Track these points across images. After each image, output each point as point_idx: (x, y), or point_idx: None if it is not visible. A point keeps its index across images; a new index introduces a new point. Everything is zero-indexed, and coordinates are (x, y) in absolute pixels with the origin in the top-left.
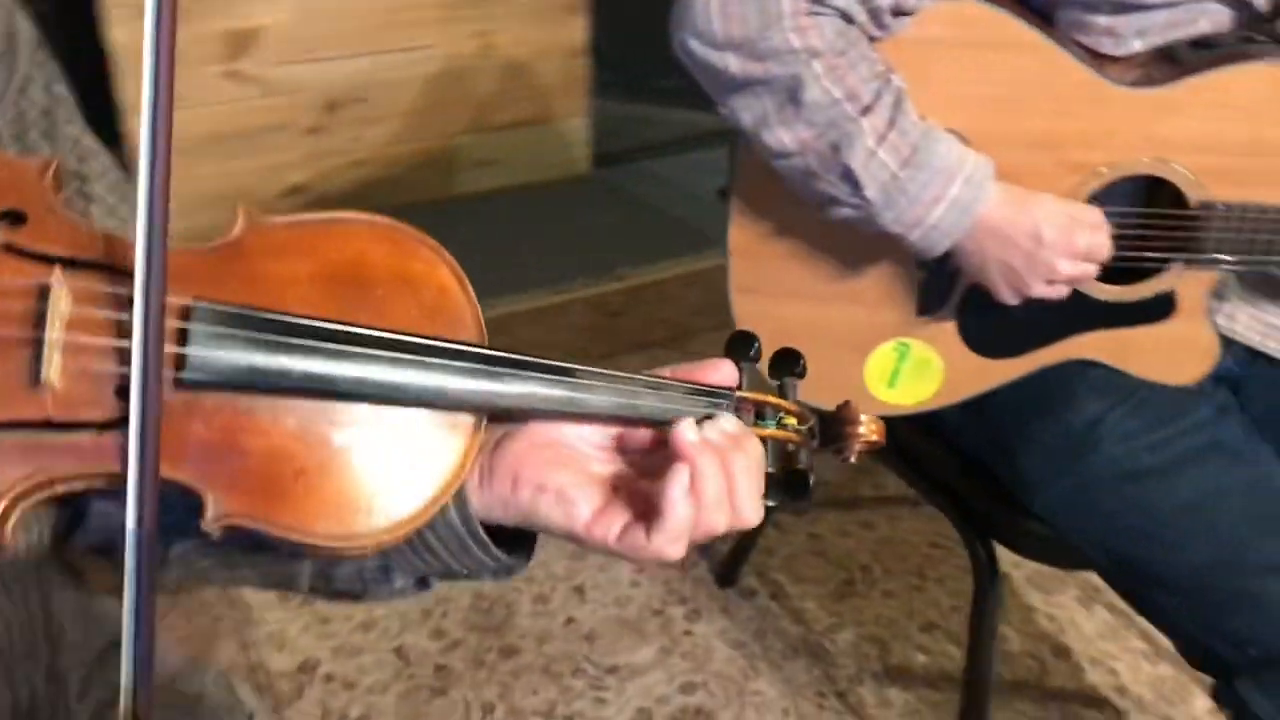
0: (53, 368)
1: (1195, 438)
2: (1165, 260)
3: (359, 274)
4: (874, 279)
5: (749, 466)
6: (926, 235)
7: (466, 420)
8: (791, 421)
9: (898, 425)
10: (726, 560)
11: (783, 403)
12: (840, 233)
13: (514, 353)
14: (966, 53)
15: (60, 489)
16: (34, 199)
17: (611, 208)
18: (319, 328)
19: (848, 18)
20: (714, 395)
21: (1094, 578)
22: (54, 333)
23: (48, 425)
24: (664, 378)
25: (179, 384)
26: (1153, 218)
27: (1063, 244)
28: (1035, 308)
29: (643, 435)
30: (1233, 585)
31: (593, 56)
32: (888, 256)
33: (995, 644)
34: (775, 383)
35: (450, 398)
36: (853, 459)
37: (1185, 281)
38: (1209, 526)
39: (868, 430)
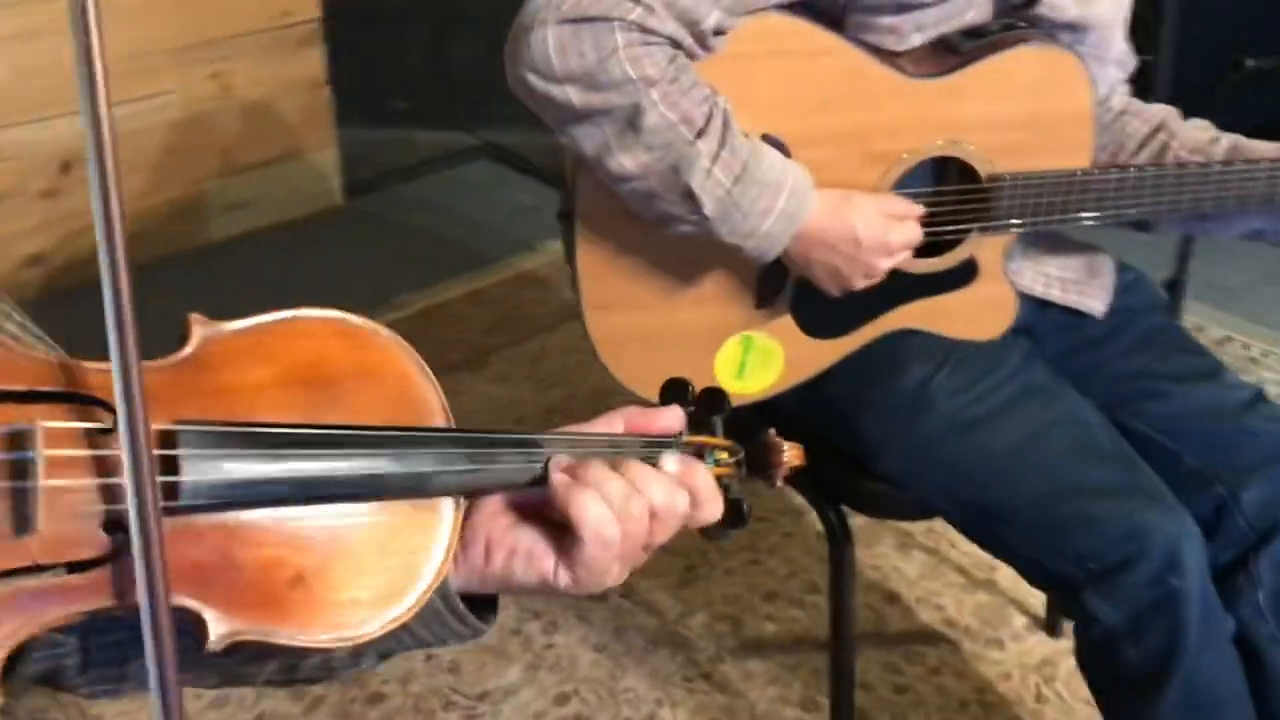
0: (38, 517)
1: (1012, 385)
2: (965, 230)
3: (320, 374)
4: (715, 281)
5: (666, 470)
6: (760, 244)
7: (448, 504)
8: (724, 456)
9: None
10: None
11: (716, 440)
12: (681, 243)
13: (482, 431)
14: (776, 62)
15: (50, 630)
16: None
17: (374, 236)
18: (301, 434)
19: (677, 44)
20: (662, 445)
21: (906, 526)
22: (35, 481)
23: (34, 570)
24: (617, 434)
25: (171, 511)
26: (951, 194)
27: (878, 245)
28: (842, 294)
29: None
30: (1068, 511)
31: (332, 87)
32: (726, 260)
33: (854, 598)
34: (707, 419)
35: (434, 485)
36: (779, 484)
37: (983, 247)
38: (1039, 462)
39: (790, 457)
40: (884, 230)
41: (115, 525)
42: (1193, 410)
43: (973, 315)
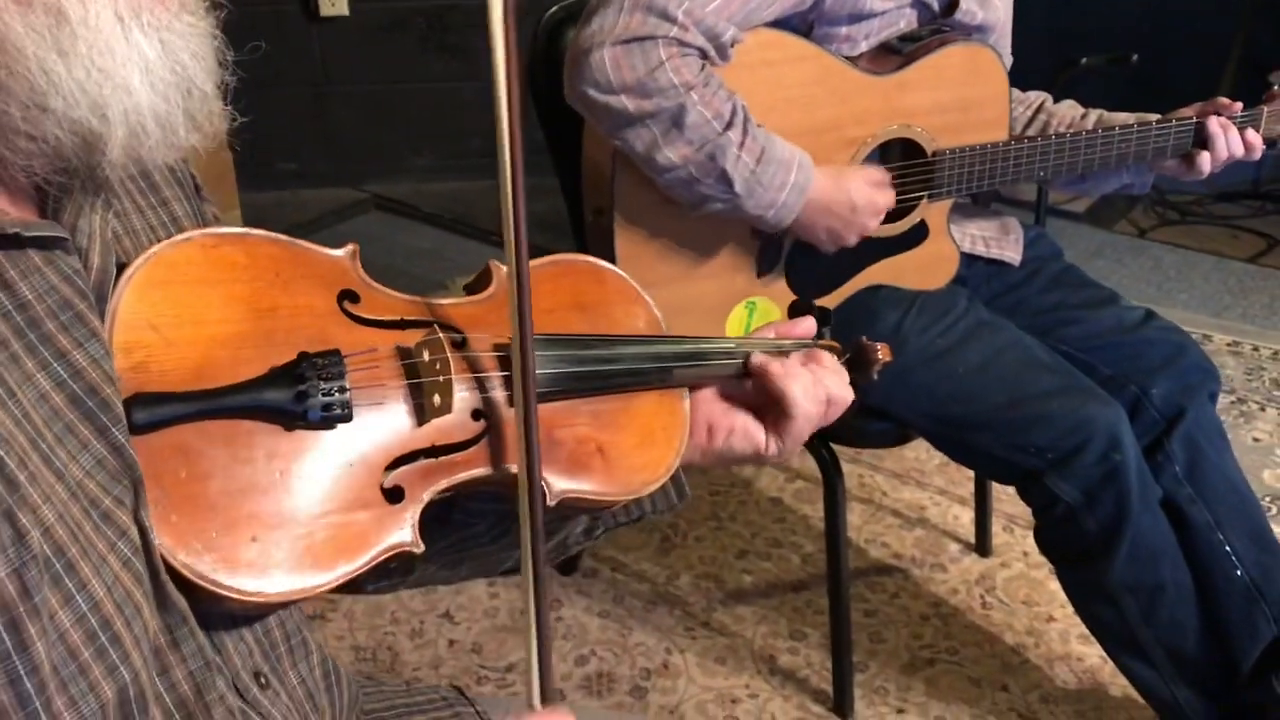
0: (433, 409)
1: (965, 321)
2: (917, 198)
3: (584, 300)
4: (723, 257)
5: (827, 366)
6: (778, 213)
7: (682, 393)
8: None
9: None
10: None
11: (832, 343)
12: (696, 227)
13: (697, 336)
14: (768, 69)
15: (446, 495)
16: (356, 281)
17: None
18: (595, 337)
19: (704, 54)
20: (800, 344)
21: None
22: (429, 381)
23: (431, 451)
24: (769, 338)
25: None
26: (906, 168)
27: (869, 206)
28: (837, 255)
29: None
30: (1026, 412)
31: (231, 151)
32: (731, 238)
33: (844, 530)
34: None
35: (675, 376)
36: (875, 377)
37: (931, 212)
38: (998, 376)
39: (883, 354)
40: (872, 195)
41: (478, 414)
42: (1102, 329)
43: (925, 269)
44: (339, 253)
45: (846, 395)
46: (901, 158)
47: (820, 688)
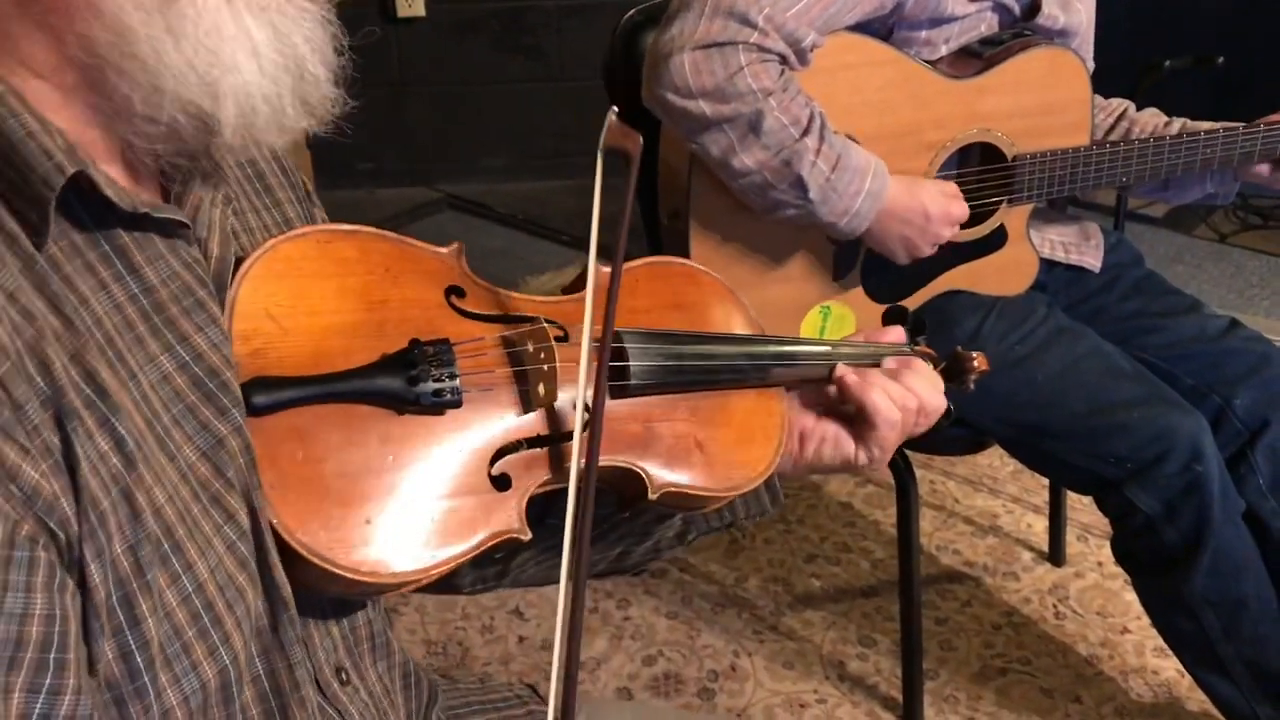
0: (539, 398)
1: (1045, 327)
2: (996, 203)
3: (681, 300)
4: (798, 261)
5: (920, 373)
6: (851, 221)
7: (778, 391)
8: (931, 358)
9: None
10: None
11: (927, 350)
12: (771, 231)
13: (787, 337)
14: (847, 73)
15: (549, 489)
16: (461, 277)
17: None
18: (694, 333)
19: (784, 60)
20: (895, 350)
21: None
22: (533, 369)
23: (535, 441)
24: (861, 344)
25: (624, 391)
26: (986, 173)
27: (944, 216)
28: (911, 260)
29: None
30: (1105, 422)
31: (310, 151)
32: (807, 243)
33: (918, 536)
34: (914, 338)
35: (772, 375)
36: (971, 387)
37: (1011, 216)
38: (1077, 384)
39: (979, 363)
40: (947, 205)
41: (585, 408)
42: (1184, 338)
43: (1004, 274)
44: (445, 250)
45: (939, 403)
46: (981, 162)
47: (889, 694)
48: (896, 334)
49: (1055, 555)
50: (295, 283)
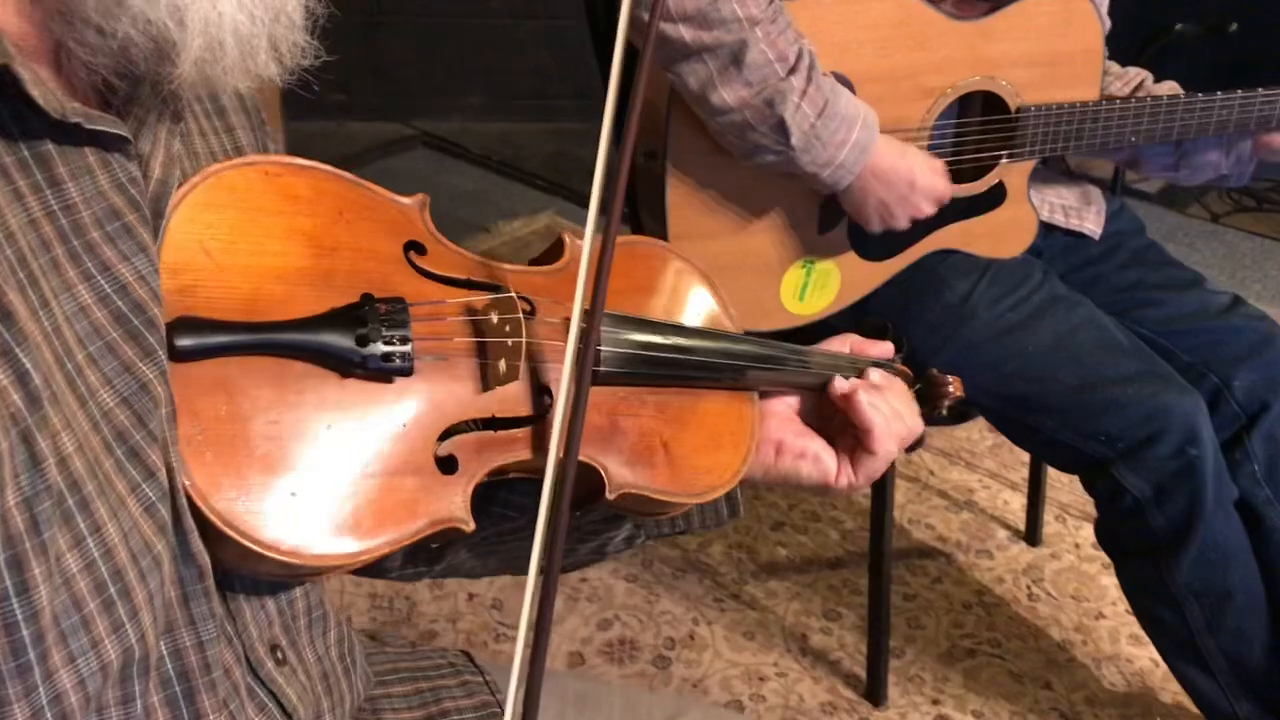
0: (498, 375)
1: (1039, 295)
2: (996, 157)
3: (655, 285)
4: (781, 212)
5: (901, 393)
6: (834, 173)
7: (752, 399)
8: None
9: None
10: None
11: (904, 369)
12: (753, 178)
13: (766, 339)
14: (841, 6)
15: (503, 474)
16: (424, 232)
17: None
18: (670, 323)
19: None
20: (876, 364)
21: None
22: (495, 343)
23: (490, 422)
24: (845, 354)
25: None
26: (986, 124)
27: (929, 189)
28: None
29: (814, 399)
30: (1097, 398)
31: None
32: (792, 193)
33: (891, 508)
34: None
35: (748, 377)
36: (944, 412)
37: (1011, 173)
38: (1070, 357)
39: (954, 389)
40: (933, 179)
41: (543, 390)
42: (1184, 313)
43: (1001, 235)
44: (408, 201)
45: (918, 429)
46: (982, 113)
47: (853, 671)
48: (884, 349)
49: (1032, 535)
50: (237, 215)
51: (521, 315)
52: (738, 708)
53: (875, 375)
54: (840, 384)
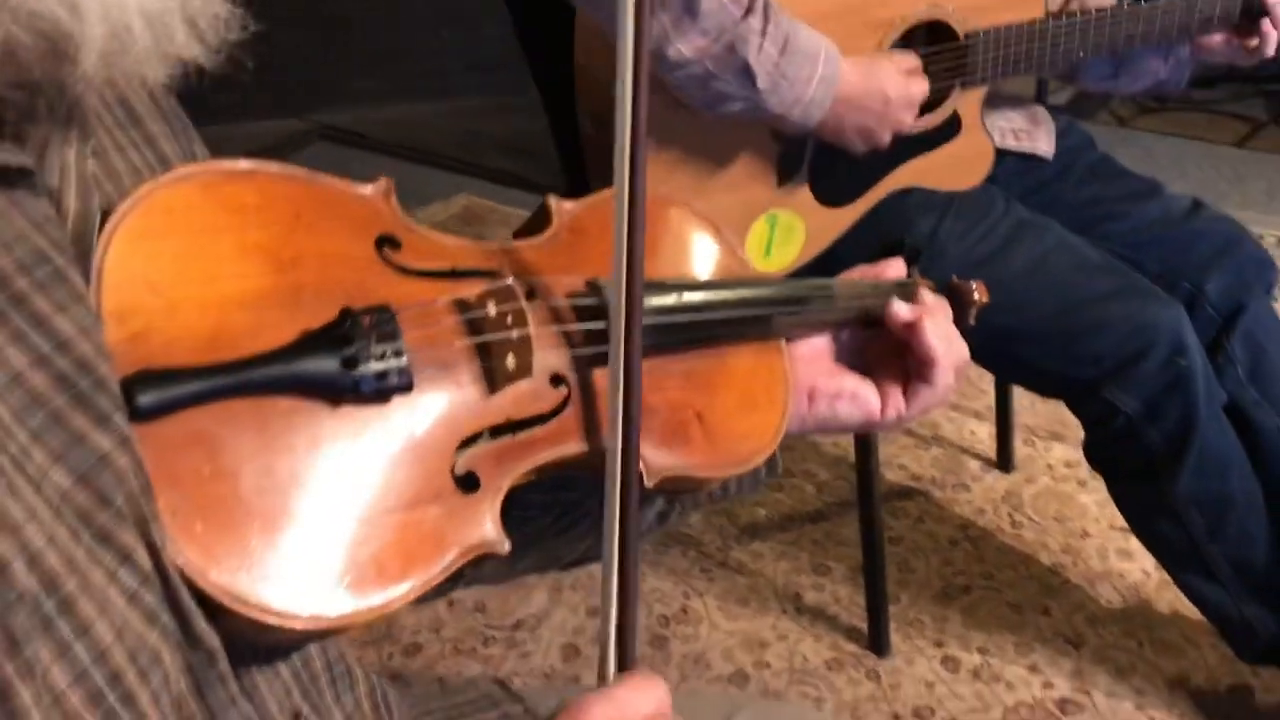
0: (506, 373)
1: (1006, 222)
2: (949, 86)
3: (659, 240)
4: (740, 166)
5: (949, 316)
6: (805, 110)
7: (780, 349)
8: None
9: None
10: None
11: (926, 282)
12: (708, 131)
13: (785, 280)
14: None
15: (533, 477)
16: (394, 223)
17: None
18: (682, 281)
19: None
20: (903, 285)
21: None
22: (498, 339)
23: (506, 427)
24: (861, 280)
25: (604, 357)
26: (937, 53)
27: (904, 99)
28: (864, 156)
29: (844, 334)
30: (1080, 318)
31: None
32: (749, 143)
33: (876, 452)
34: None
35: (775, 325)
36: (971, 323)
37: (964, 101)
38: (1047, 282)
39: (980, 294)
40: (906, 86)
41: (558, 379)
42: (1147, 223)
43: (959, 166)
44: (369, 189)
45: (966, 352)
46: (928, 43)
47: (852, 624)
48: (898, 267)
49: (1004, 461)
50: (179, 241)
51: (524, 302)
52: (742, 678)
53: (929, 298)
54: (901, 310)
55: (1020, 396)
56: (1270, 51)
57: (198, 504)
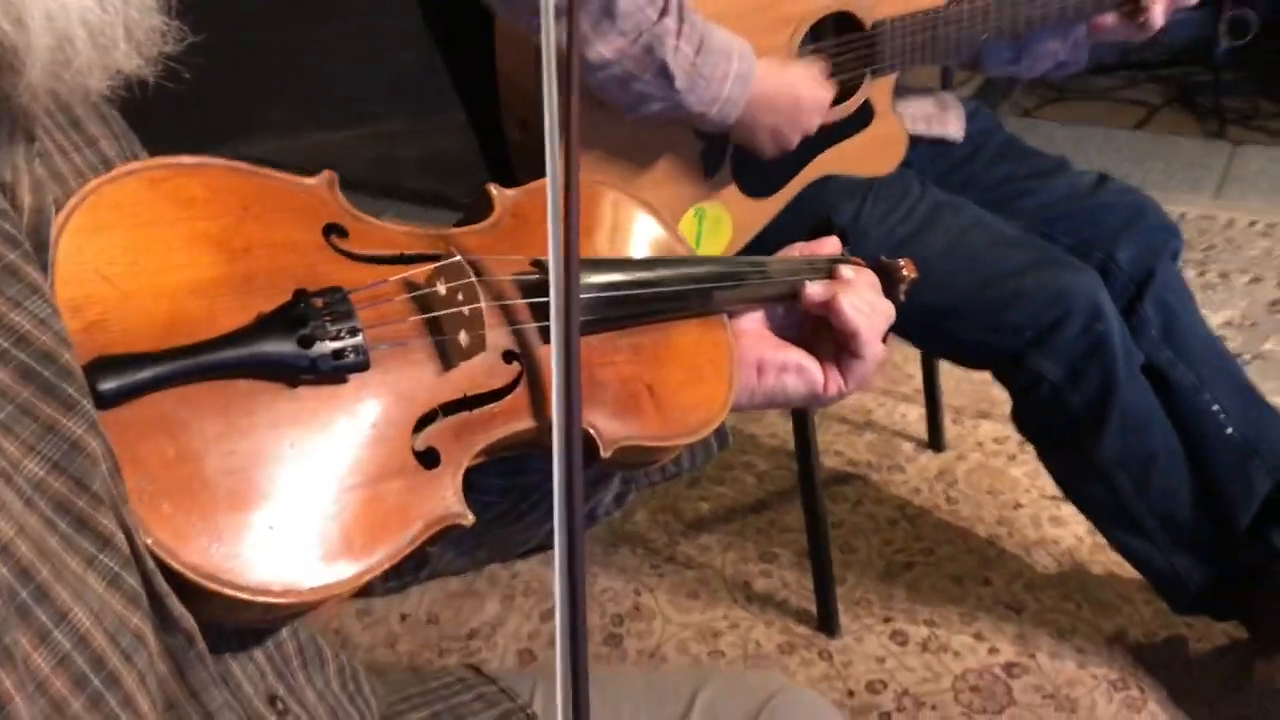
0: (460, 349)
1: (924, 203)
2: (860, 75)
3: (591, 223)
4: (666, 160)
5: (871, 284)
6: (722, 109)
7: (719, 319)
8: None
9: None
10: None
11: (856, 260)
12: (634, 130)
13: (722, 258)
14: None
15: (488, 455)
16: (340, 212)
17: None
18: (623, 259)
19: None
20: (833, 261)
21: None
22: (449, 315)
23: (461, 403)
24: (796, 257)
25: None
26: (847, 43)
27: (814, 101)
28: (779, 153)
29: (782, 311)
30: (999, 291)
31: None
32: (673, 140)
33: (815, 438)
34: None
35: (715, 300)
36: (902, 299)
37: (875, 89)
38: (966, 259)
39: (908, 270)
40: (816, 89)
41: (510, 355)
42: (1057, 198)
43: (875, 152)
44: (313, 181)
45: (892, 315)
46: (837, 33)
47: (802, 607)
48: (833, 244)
49: (935, 441)
50: (130, 233)
51: (475, 278)
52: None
53: (847, 272)
54: (815, 290)
55: (946, 378)
56: (1158, 24)
57: (164, 486)
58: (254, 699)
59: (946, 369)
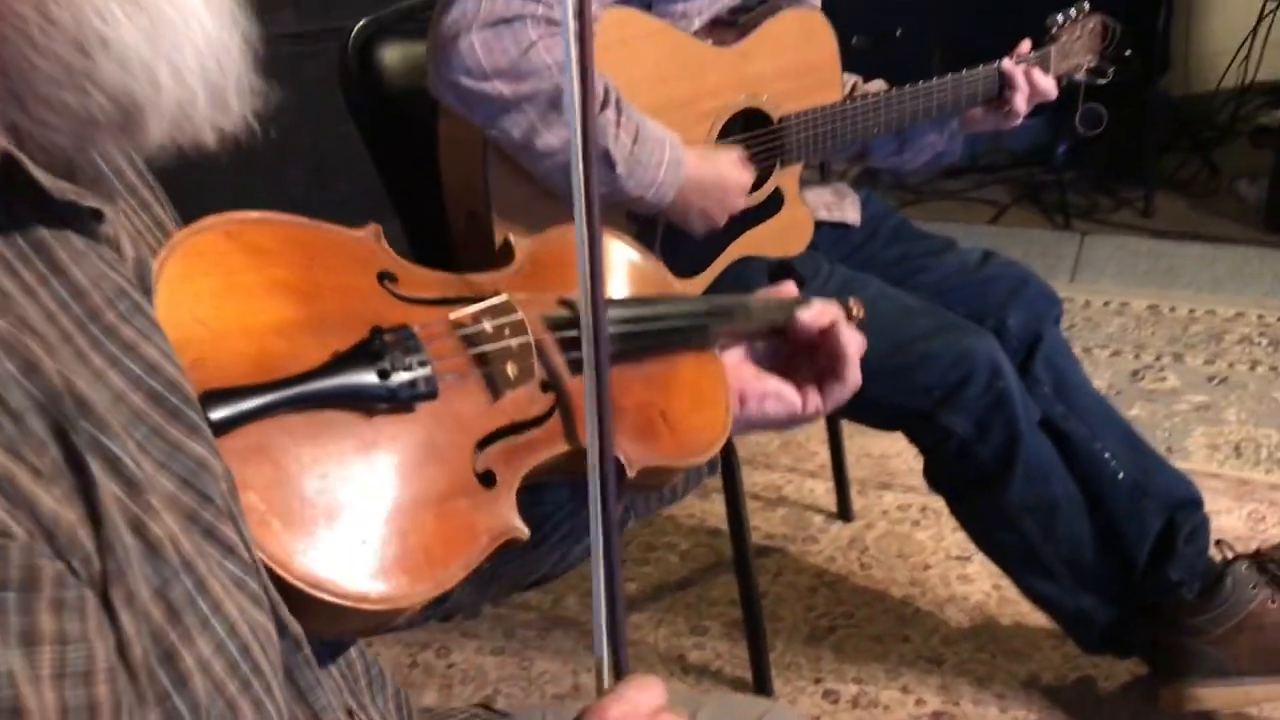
0: (508, 380)
1: (834, 280)
2: (770, 165)
3: (606, 265)
4: None
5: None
6: (658, 192)
7: (711, 351)
8: None
9: None
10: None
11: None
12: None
13: (716, 295)
14: (623, 48)
15: (531, 479)
16: (389, 260)
17: None
18: (635, 298)
19: None
20: (799, 301)
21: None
22: (497, 349)
23: (509, 429)
24: (769, 299)
25: (579, 365)
26: (758, 136)
27: (738, 184)
28: (708, 232)
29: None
30: (908, 355)
31: None
32: (607, 224)
33: (746, 513)
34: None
35: (710, 333)
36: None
37: (785, 177)
38: (876, 327)
39: (856, 309)
40: (738, 171)
41: (546, 386)
42: (949, 273)
43: (786, 235)
44: (361, 233)
45: (864, 346)
46: (746, 128)
47: (736, 674)
48: (790, 288)
49: (844, 512)
50: (215, 281)
51: (523, 314)
52: None
53: (828, 304)
54: (811, 314)
55: (847, 453)
56: (1021, 112)
57: (270, 506)
58: (338, 711)
59: (847, 443)
